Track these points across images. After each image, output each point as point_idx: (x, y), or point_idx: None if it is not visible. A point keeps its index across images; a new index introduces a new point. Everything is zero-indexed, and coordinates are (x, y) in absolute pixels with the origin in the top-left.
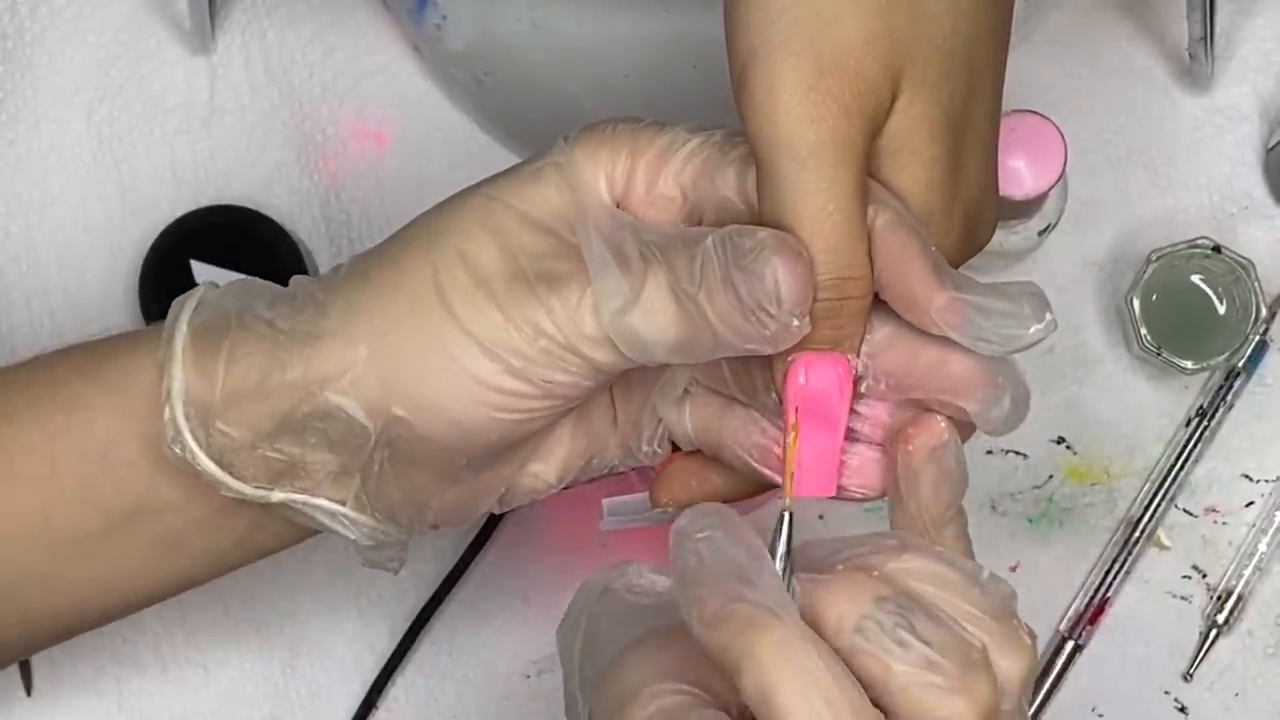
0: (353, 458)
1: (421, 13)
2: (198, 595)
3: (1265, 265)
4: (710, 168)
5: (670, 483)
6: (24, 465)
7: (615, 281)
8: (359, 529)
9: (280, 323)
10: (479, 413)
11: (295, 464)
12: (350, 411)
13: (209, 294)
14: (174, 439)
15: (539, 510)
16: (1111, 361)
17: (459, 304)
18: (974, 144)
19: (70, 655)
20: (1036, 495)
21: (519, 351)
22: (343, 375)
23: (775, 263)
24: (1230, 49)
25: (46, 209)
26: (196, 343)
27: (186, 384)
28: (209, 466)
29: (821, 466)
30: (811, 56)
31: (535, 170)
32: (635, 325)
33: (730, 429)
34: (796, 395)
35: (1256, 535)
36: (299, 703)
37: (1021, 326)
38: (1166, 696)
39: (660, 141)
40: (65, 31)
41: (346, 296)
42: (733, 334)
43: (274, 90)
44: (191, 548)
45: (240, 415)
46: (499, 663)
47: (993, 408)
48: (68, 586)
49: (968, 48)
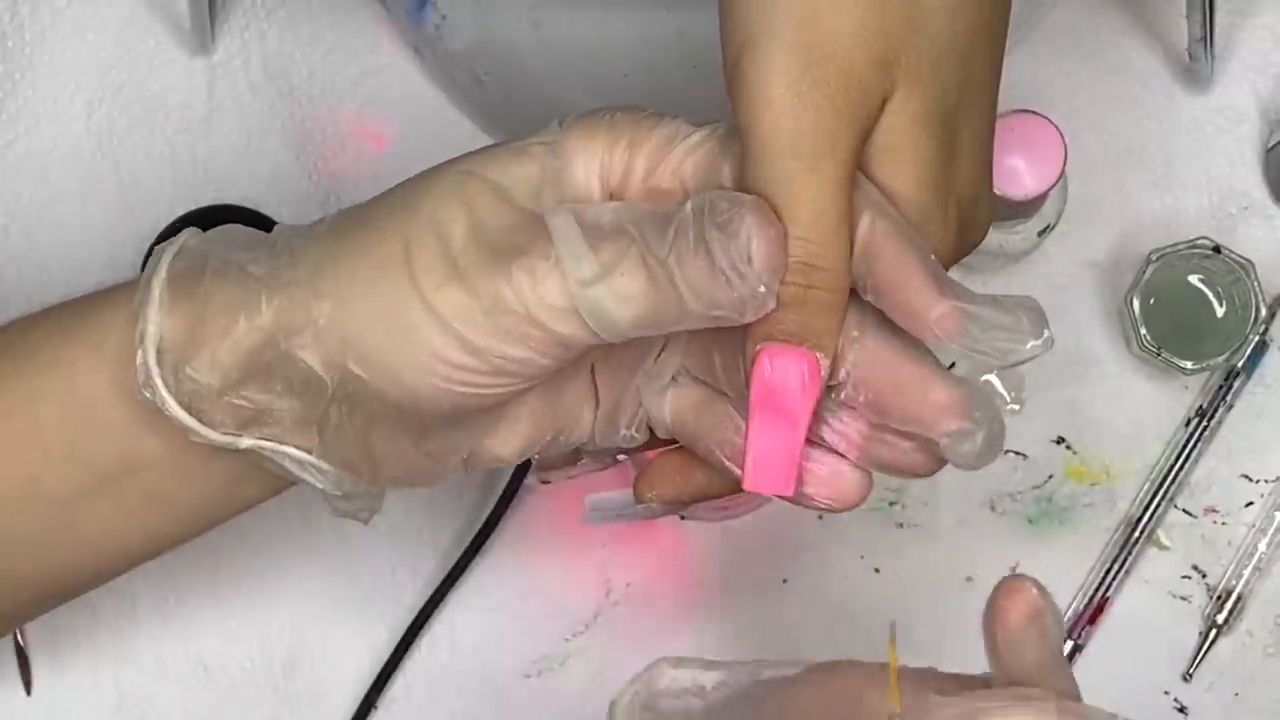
0: (312, 407)
1: (421, 13)
2: (198, 595)
3: (1265, 265)
4: (712, 160)
5: (654, 478)
6: (7, 430)
7: (582, 251)
8: (327, 478)
9: (253, 268)
10: (430, 383)
11: (262, 411)
12: (310, 362)
13: (190, 240)
14: (145, 383)
15: (539, 510)
16: (1111, 361)
17: (424, 274)
18: (969, 142)
19: (70, 655)
20: (1036, 495)
21: (477, 326)
22: (305, 328)
23: (750, 221)
24: (1230, 49)
25: (46, 209)
26: (173, 288)
27: (160, 328)
28: (177, 412)
29: (779, 464)
30: (802, 48)
31: (519, 147)
32: (602, 297)
33: (708, 423)
34: (760, 385)
35: (1256, 535)
36: (299, 703)
37: (1018, 341)
38: (1166, 696)
39: (661, 133)
40: (65, 31)
41: (320, 250)
42: (699, 300)
43: (274, 90)
44: (178, 502)
45: (210, 360)
46: (499, 663)
47: (965, 442)
48: (59, 548)
49: (963, 44)
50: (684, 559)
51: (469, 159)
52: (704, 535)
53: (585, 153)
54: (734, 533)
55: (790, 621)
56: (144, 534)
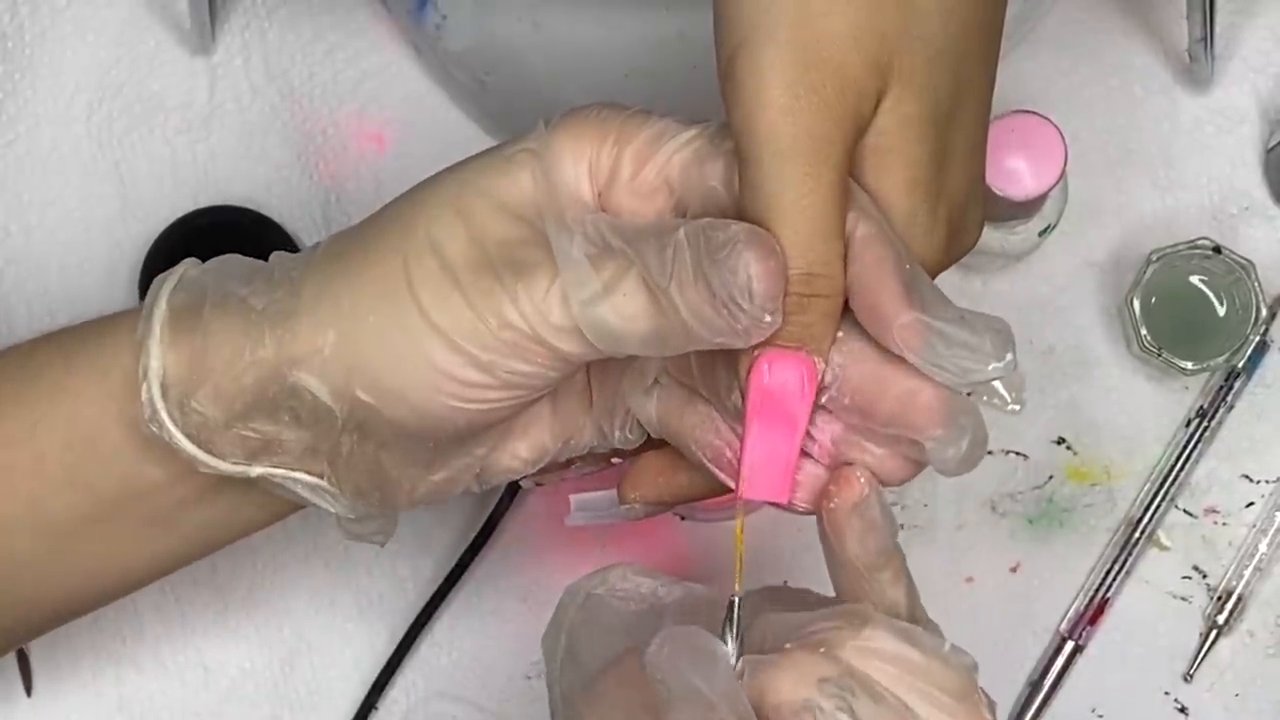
0: (322, 438)
1: (421, 13)
2: (198, 595)
3: (1265, 265)
4: (701, 158)
5: (637, 480)
6: (9, 457)
7: (585, 272)
8: (340, 502)
9: (254, 300)
10: (441, 402)
11: (270, 441)
12: (317, 393)
13: (189, 272)
14: (151, 418)
15: (539, 510)
16: (1111, 362)
17: (425, 293)
18: (961, 145)
19: (70, 655)
20: (1037, 495)
21: (483, 343)
22: (311, 358)
23: (748, 257)
24: (1230, 49)
25: (46, 209)
26: (174, 321)
27: (163, 362)
28: (185, 445)
29: (776, 469)
30: (797, 49)
31: (509, 156)
32: (605, 316)
33: (689, 424)
34: (758, 391)
35: (1256, 536)
36: (299, 703)
37: (980, 362)
38: (1167, 697)
39: (649, 130)
40: (65, 31)
41: (319, 277)
42: (703, 327)
43: (274, 90)
44: (181, 526)
45: (214, 393)
46: (499, 663)
47: (949, 447)
48: (61, 572)
49: (957, 47)
50: (684, 559)
51: (460, 171)
52: (704, 535)
53: (573, 151)
54: (734, 533)
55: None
56: (146, 558)
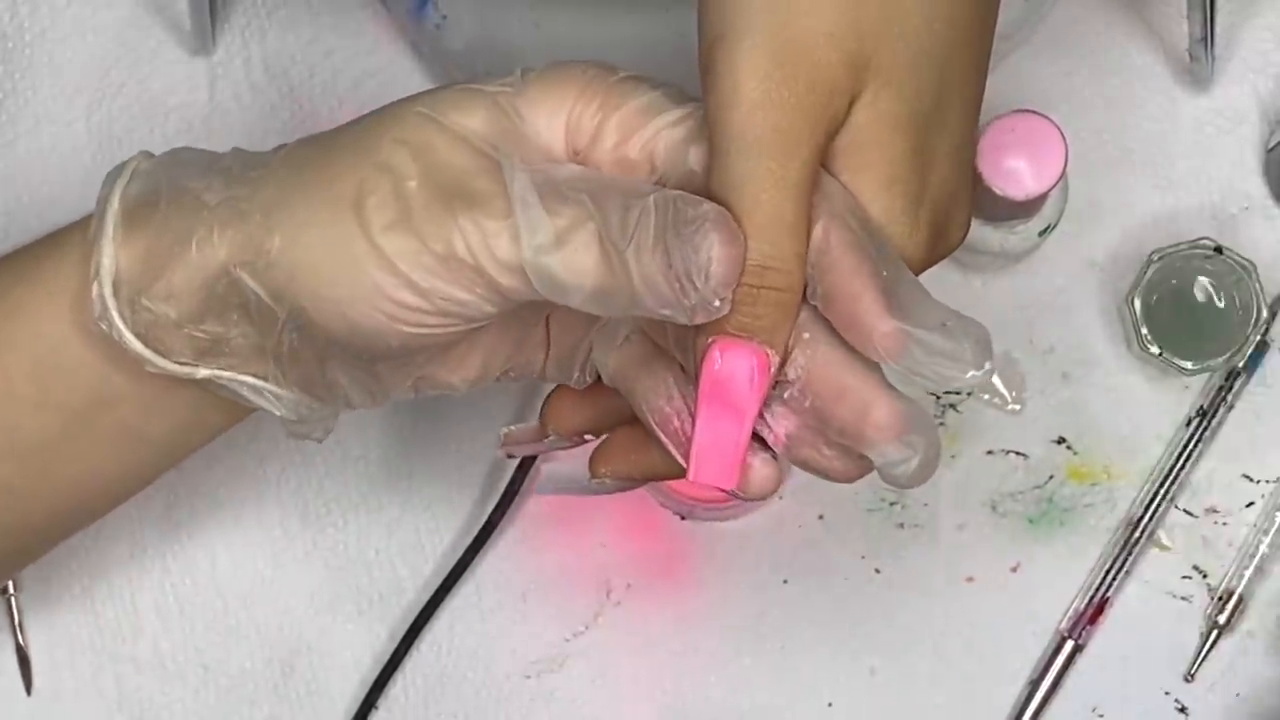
0: (266, 335)
1: (421, 13)
2: (198, 595)
3: (1266, 265)
4: (690, 139)
5: (608, 454)
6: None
7: (538, 216)
8: (282, 403)
9: (208, 196)
10: (376, 319)
11: (219, 341)
12: (259, 293)
13: (142, 164)
14: (100, 316)
15: (539, 510)
16: (1111, 361)
17: (375, 215)
18: (945, 145)
19: (70, 655)
20: (1037, 495)
21: (426, 268)
22: (256, 259)
23: (714, 238)
24: (1230, 49)
25: (46, 210)
26: (128, 218)
27: (115, 260)
28: (133, 343)
29: (723, 455)
30: (773, 45)
31: (479, 89)
32: (553, 267)
33: (644, 385)
34: (709, 376)
35: (1257, 536)
36: (299, 703)
37: (959, 370)
38: (1167, 697)
39: (638, 102)
40: (65, 31)
41: (276, 183)
42: (651, 295)
43: (274, 90)
44: (149, 434)
45: (165, 290)
46: (499, 663)
47: (899, 465)
48: (40, 494)
49: (942, 47)
50: (684, 559)
51: (427, 98)
52: (704, 535)
53: (550, 105)
54: (734, 533)
55: (790, 621)
56: (121, 470)
